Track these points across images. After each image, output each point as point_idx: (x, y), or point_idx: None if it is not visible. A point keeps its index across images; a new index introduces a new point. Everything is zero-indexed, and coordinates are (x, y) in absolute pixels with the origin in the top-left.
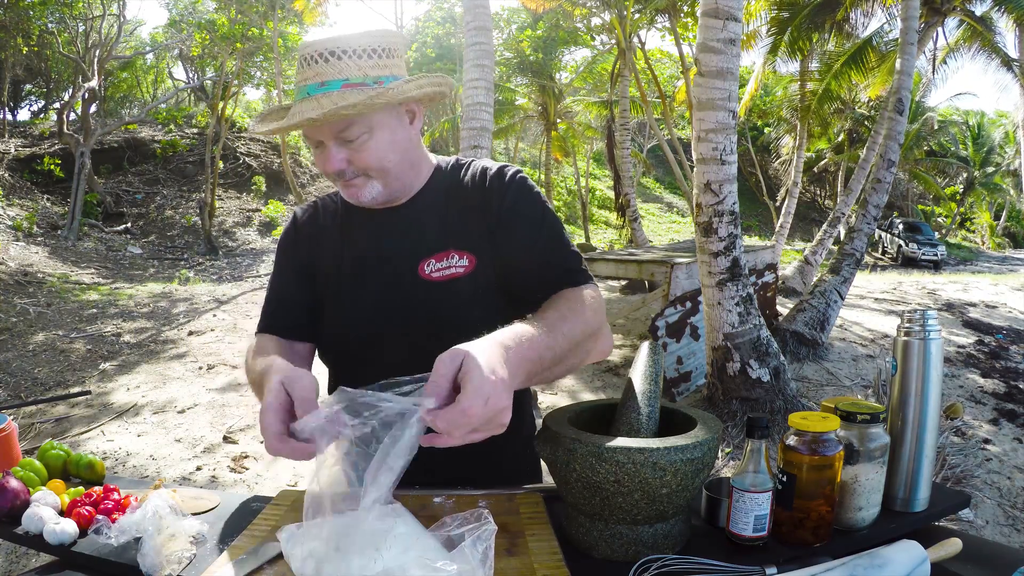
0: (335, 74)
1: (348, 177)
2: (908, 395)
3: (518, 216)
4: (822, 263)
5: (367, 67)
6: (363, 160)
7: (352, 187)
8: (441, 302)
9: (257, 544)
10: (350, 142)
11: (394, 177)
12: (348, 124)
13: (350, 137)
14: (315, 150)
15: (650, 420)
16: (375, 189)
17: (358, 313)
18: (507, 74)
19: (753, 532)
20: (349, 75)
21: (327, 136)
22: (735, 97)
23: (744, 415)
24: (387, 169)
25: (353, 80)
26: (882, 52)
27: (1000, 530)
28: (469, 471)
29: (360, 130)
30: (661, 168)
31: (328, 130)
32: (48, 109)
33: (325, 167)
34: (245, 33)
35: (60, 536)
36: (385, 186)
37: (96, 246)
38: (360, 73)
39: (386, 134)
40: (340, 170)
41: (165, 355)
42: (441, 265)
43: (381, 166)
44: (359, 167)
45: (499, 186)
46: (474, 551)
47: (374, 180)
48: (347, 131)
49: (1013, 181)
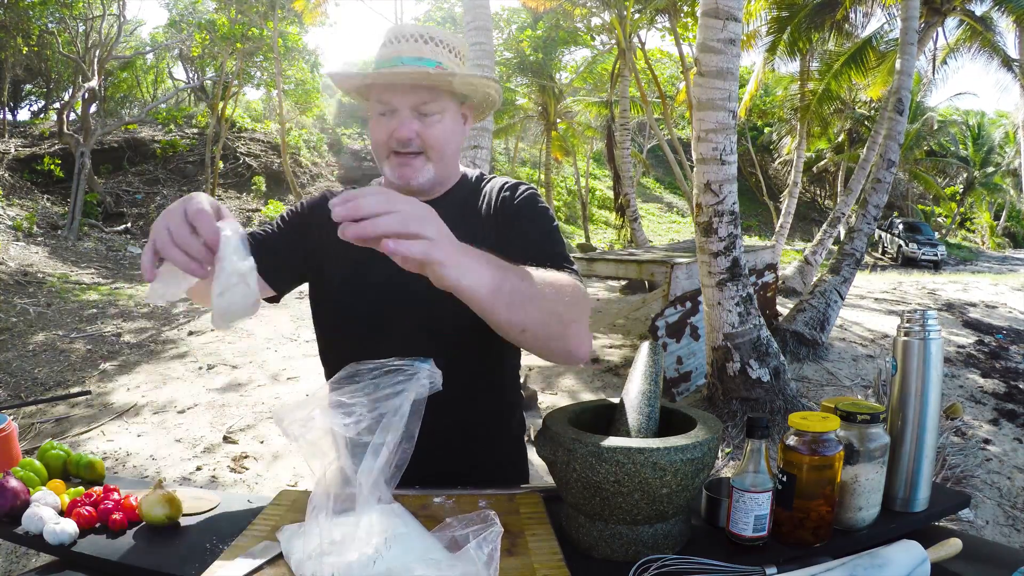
0: (432, 55)
1: (411, 149)
2: (908, 395)
3: (521, 219)
4: (822, 263)
5: (453, 63)
6: (431, 136)
7: (408, 166)
8: (443, 294)
9: (257, 544)
10: (425, 116)
11: (443, 166)
12: (432, 99)
13: (428, 112)
14: (380, 118)
15: (650, 420)
16: (428, 172)
17: (361, 298)
18: (507, 74)
19: (753, 532)
20: (442, 61)
21: (407, 104)
22: (735, 97)
23: (744, 415)
24: (444, 154)
25: (445, 67)
26: (882, 52)
27: (1000, 530)
28: (456, 466)
29: (437, 108)
30: (661, 168)
31: (412, 99)
32: (48, 109)
33: (395, 132)
34: (245, 33)
35: (60, 536)
36: (436, 173)
37: (96, 246)
38: (450, 64)
39: (451, 122)
40: (409, 138)
41: (165, 355)
42: None
43: (442, 148)
44: (425, 142)
45: (510, 195)
46: (479, 553)
47: (430, 163)
48: (428, 105)
49: (1013, 181)
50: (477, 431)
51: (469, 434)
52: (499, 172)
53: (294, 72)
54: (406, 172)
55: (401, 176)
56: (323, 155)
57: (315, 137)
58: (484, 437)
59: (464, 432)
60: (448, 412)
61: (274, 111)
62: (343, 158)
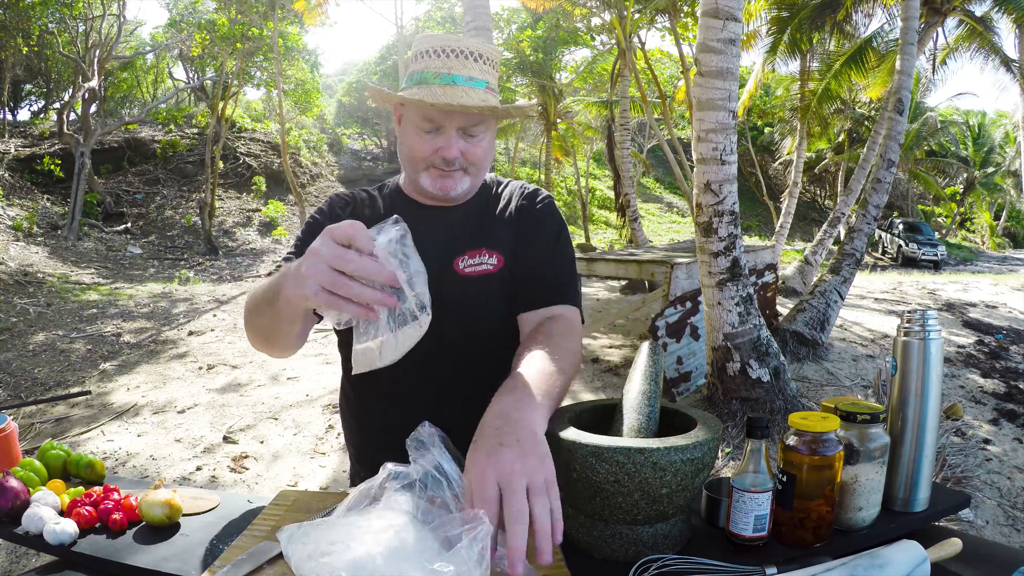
0: (481, 75)
1: (454, 167)
2: (908, 395)
3: (541, 229)
4: (822, 263)
5: (495, 77)
6: (475, 155)
7: (449, 179)
8: (470, 295)
9: (257, 544)
10: (472, 137)
11: (479, 179)
12: (481, 121)
13: (476, 133)
14: (423, 134)
15: (650, 420)
16: (465, 184)
17: None
18: (507, 74)
19: (753, 532)
20: (489, 80)
21: (456, 124)
22: (735, 97)
23: (744, 415)
24: (482, 169)
25: (492, 85)
26: (882, 52)
27: (1000, 530)
28: None
29: (484, 128)
30: (661, 168)
31: (462, 120)
32: (48, 109)
33: (443, 152)
34: (245, 33)
35: (60, 536)
36: (472, 184)
37: (96, 246)
38: (495, 81)
39: (491, 139)
40: (455, 158)
41: (165, 355)
42: (473, 262)
43: (482, 164)
44: (469, 159)
45: (531, 201)
46: (470, 552)
47: (468, 176)
48: (477, 127)
49: (1013, 181)
50: None
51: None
52: (499, 172)
53: (294, 72)
54: (447, 184)
55: (441, 188)
56: (323, 155)
57: (315, 137)
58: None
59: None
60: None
61: (274, 111)
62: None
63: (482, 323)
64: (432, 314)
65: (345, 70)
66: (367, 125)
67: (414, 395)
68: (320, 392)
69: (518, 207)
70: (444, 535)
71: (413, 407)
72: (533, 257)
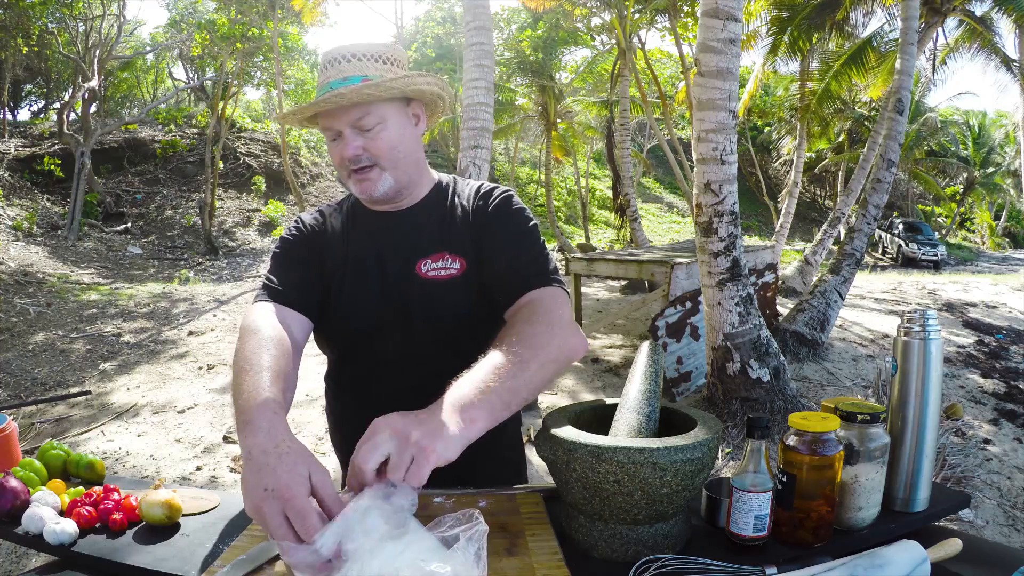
0: (355, 72)
1: (363, 164)
2: (908, 395)
3: (498, 223)
4: (822, 263)
5: (382, 70)
6: (377, 148)
7: (366, 180)
8: (435, 298)
9: (257, 544)
10: (367, 131)
11: (402, 171)
12: (365, 113)
13: (367, 126)
14: (331, 144)
15: (650, 420)
16: (387, 182)
17: (359, 306)
18: (507, 74)
19: (753, 532)
20: (367, 73)
21: (345, 124)
22: (735, 97)
23: (744, 415)
24: (397, 160)
25: (371, 78)
26: (882, 52)
27: (1000, 530)
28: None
29: (375, 120)
30: (661, 168)
31: (347, 119)
32: (48, 109)
33: (343, 154)
34: (245, 33)
35: (60, 536)
36: (395, 180)
37: (96, 246)
38: (376, 73)
39: (396, 128)
40: (356, 155)
41: (165, 355)
42: (436, 265)
43: (392, 156)
44: (373, 154)
45: (485, 201)
46: (467, 552)
47: (386, 173)
48: (364, 119)
49: (1013, 181)
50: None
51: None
52: (499, 172)
53: (294, 72)
54: (366, 186)
55: (363, 191)
56: (323, 155)
57: (315, 137)
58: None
59: None
60: None
61: (274, 111)
62: None
63: (448, 326)
64: (400, 317)
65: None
66: None
67: (390, 397)
68: (320, 392)
69: (474, 210)
70: (441, 535)
71: (388, 410)
72: (496, 259)
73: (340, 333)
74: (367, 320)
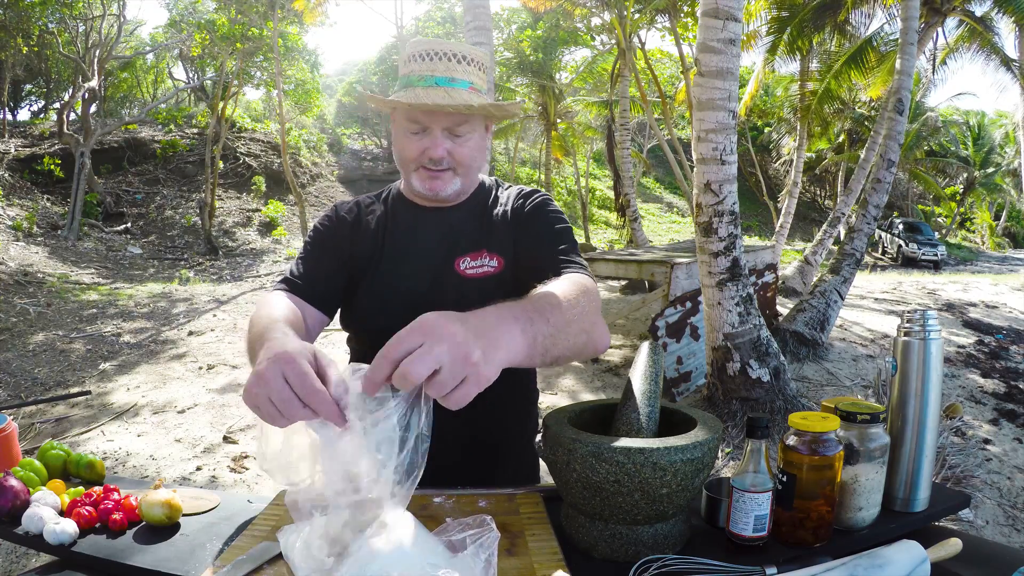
0: (464, 75)
1: (442, 167)
2: (908, 395)
3: (535, 219)
4: (822, 263)
5: (482, 79)
6: (461, 154)
7: (438, 179)
8: (472, 296)
9: (257, 544)
10: (458, 136)
11: (471, 178)
12: (465, 120)
13: (461, 133)
14: (411, 135)
15: (650, 420)
16: (456, 185)
17: (394, 298)
18: (507, 74)
19: (753, 532)
20: (474, 80)
21: (440, 124)
22: (735, 97)
23: (744, 415)
24: (472, 168)
25: (476, 86)
26: (882, 52)
27: (1000, 530)
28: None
29: (470, 128)
30: (661, 168)
31: (447, 120)
32: (48, 109)
33: (430, 152)
34: (245, 33)
35: (60, 536)
36: (463, 184)
37: (96, 246)
38: (480, 82)
39: (480, 138)
40: (442, 157)
41: (165, 355)
42: (475, 263)
43: (471, 164)
44: (456, 159)
45: (524, 200)
46: (476, 559)
47: (458, 176)
48: (461, 127)
49: (1013, 181)
50: (501, 435)
51: (494, 439)
52: (499, 172)
53: (294, 72)
54: (435, 185)
55: (431, 188)
56: (323, 155)
57: (315, 137)
58: (506, 442)
59: (490, 437)
60: (477, 419)
61: (274, 111)
62: (343, 158)
63: None
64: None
65: (345, 70)
66: (367, 125)
67: None
68: None
69: (514, 209)
70: (449, 540)
71: None
72: (534, 248)
73: (371, 324)
74: (401, 313)
